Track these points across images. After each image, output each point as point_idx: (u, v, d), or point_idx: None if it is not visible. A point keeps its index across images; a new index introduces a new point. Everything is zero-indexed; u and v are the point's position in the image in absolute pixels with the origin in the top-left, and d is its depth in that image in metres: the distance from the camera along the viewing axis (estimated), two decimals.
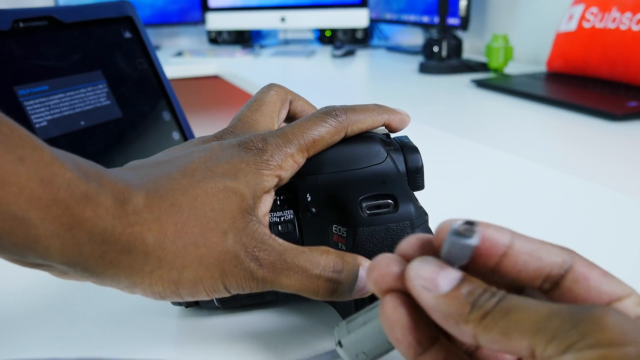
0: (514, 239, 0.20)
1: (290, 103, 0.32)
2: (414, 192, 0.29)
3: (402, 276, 0.20)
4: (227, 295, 0.24)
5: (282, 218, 0.29)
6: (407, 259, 0.20)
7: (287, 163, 0.26)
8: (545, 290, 0.20)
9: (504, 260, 0.20)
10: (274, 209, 0.29)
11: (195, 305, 0.33)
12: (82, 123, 0.48)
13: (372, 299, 0.28)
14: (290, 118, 0.32)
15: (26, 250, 0.20)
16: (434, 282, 0.19)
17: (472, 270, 0.20)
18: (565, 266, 0.19)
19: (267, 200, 0.26)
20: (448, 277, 0.19)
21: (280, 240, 0.24)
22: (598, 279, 0.19)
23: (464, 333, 0.18)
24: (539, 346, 0.16)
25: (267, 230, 0.24)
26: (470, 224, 0.19)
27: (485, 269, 0.20)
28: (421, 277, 0.19)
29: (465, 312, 0.18)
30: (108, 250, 0.21)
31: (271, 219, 0.29)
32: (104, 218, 0.21)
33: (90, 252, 0.21)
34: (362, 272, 0.25)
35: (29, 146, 0.19)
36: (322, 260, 0.24)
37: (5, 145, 0.19)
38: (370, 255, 0.26)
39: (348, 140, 0.28)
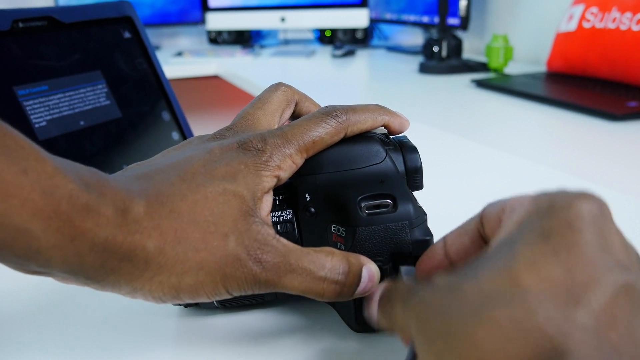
0: (444, 240, 0.26)
1: (297, 104, 0.31)
2: (413, 192, 0.29)
3: None
4: (230, 297, 0.24)
5: (281, 218, 0.29)
6: None
7: (285, 163, 0.26)
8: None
9: (452, 255, 0.25)
10: (273, 208, 0.29)
11: (194, 306, 0.33)
12: (82, 123, 0.48)
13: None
14: (294, 118, 0.32)
15: (28, 261, 0.20)
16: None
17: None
18: (481, 220, 0.24)
19: (268, 200, 0.26)
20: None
21: (285, 241, 0.24)
22: (491, 210, 0.23)
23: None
24: None
25: (272, 231, 0.24)
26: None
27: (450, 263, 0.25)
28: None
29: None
30: (109, 259, 0.21)
31: (270, 219, 0.29)
32: (105, 228, 0.21)
33: (91, 262, 0.21)
34: (364, 273, 0.25)
35: (32, 158, 0.20)
36: (327, 262, 0.24)
37: (9, 158, 0.19)
38: (369, 255, 0.26)
39: (347, 140, 0.28)
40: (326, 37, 2.17)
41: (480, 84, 1.14)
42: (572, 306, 0.17)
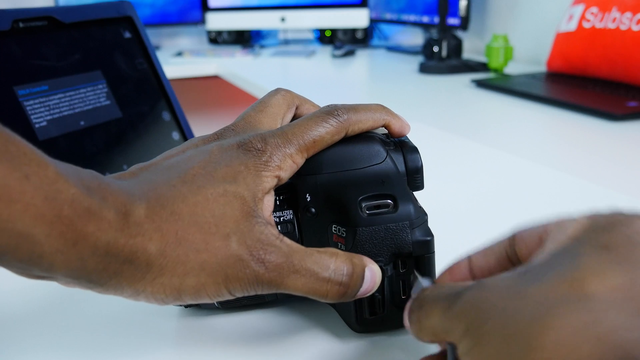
0: (469, 259, 0.26)
1: (297, 108, 0.31)
2: (414, 192, 0.29)
3: None
4: (232, 298, 0.24)
5: (281, 218, 0.29)
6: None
7: (286, 163, 0.26)
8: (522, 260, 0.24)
9: (477, 274, 0.25)
10: (273, 209, 0.29)
11: (195, 306, 0.33)
12: (82, 123, 0.48)
13: (371, 299, 0.28)
14: None
15: (31, 265, 0.20)
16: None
17: None
18: (510, 243, 0.24)
19: (269, 201, 0.26)
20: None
21: (288, 241, 0.24)
22: (527, 232, 0.24)
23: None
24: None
25: (275, 231, 0.24)
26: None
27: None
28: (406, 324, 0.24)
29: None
30: (111, 262, 0.21)
31: (273, 219, 0.29)
32: (107, 231, 0.21)
33: (93, 265, 0.21)
34: (367, 274, 0.25)
35: (35, 163, 0.20)
36: (331, 264, 0.24)
37: (11, 164, 0.19)
38: (370, 256, 0.26)
39: (348, 140, 0.28)
40: (326, 37, 2.17)
41: (480, 84, 1.14)
42: (638, 314, 0.17)
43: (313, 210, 0.28)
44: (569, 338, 0.16)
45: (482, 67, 1.33)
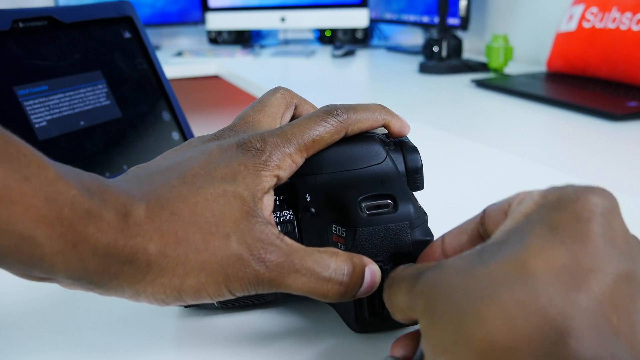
0: (443, 239, 0.26)
1: (296, 107, 0.31)
2: (414, 193, 0.29)
3: None
4: (232, 298, 0.24)
5: (281, 218, 0.29)
6: None
7: (285, 163, 0.26)
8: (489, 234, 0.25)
9: (450, 254, 0.26)
10: (273, 209, 0.29)
11: (194, 306, 0.33)
12: (82, 123, 0.48)
13: (371, 298, 0.28)
14: None
15: (32, 267, 0.20)
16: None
17: None
18: (481, 220, 0.25)
19: (269, 200, 0.26)
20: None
21: (289, 241, 0.24)
22: (495, 208, 0.25)
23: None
24: None
25: (275, 230, 0.24)
26: None
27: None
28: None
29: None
30: (111, 263, 0.21)
31: (273, 219, 0.29)
32: (107, 233, 0.21)
33: (94, 267, 0.21)
34: (367, 274, 0.25)
35: (35, 165, 0.20)
36: (332, 263, 0.24)
37: (11, 165, 0.19)
38: (369, 256, 0.26)
39: (347, 139, 0.28)
40: (326, 37, 2.17)
41: (480, 84, 1.14)
42: (575, 290, 0.18)
43: (313, 210, 0.28)
44: (508, 314, 0.18)
45: (482, 67, 1.33)
